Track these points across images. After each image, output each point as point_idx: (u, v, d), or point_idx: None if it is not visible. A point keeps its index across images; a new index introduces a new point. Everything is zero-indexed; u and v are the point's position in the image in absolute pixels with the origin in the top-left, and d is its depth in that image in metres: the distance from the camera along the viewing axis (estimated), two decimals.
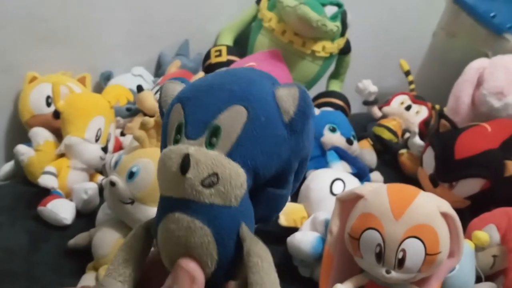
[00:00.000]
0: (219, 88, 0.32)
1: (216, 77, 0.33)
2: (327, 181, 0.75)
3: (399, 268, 0.55)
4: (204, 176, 0.30)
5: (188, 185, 0.30)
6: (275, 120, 0.31)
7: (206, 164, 0.30)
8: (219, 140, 0.31)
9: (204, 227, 0.31)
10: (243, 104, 0.31)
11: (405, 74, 1.25)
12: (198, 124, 0.31)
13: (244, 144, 0.31)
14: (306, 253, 0.65)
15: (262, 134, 0.31)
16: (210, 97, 0.32)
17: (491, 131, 0.84)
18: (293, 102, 0.32)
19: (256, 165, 0.31)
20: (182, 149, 0.30)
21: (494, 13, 1.20)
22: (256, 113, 0.31)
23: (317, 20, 0.93)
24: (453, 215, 0.56)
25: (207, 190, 0.30)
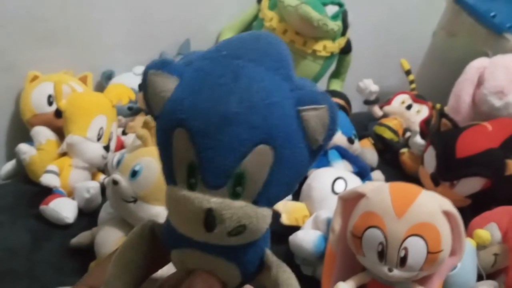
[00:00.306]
0: (236, 121, 0.26)
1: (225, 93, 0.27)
2: (329, 180, 0.75)
3: (401, 266, 0.55)
4: (230, 229, 0.27)
5: (214, 237, 0.28)
6: (301, 152, 0.28)
7: (231, 219, 0.27)
8: (244, 189, 0.27)
9: (229, 263, 0.30)
10: (267, 144, 0.27)
11: (406, 73, 1.25)
12: (218, 171, 0.27)
13: (271, 187, 0.28)
14: (308, 252, 0.65)
15: (289, 173, 0.28)
16: (227, 136, 0.26)
17: (492, 130, 0.84)
18: (322, 127, 0.28)
19: (279, 199, 0.30)
20: (204, 202, 0.27)
21: (494, 12, 1.21)
22: (282, 152, 0.27)
23: (318, 20, 0.93)
24: (455, 213, 0.56)
25: (234, 238, 0.28)
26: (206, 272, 0.30)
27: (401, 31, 1.42)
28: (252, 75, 0.27)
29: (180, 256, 0.31)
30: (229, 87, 0.27)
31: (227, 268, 0.30)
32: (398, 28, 1.42)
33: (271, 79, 0.28)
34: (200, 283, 0.30)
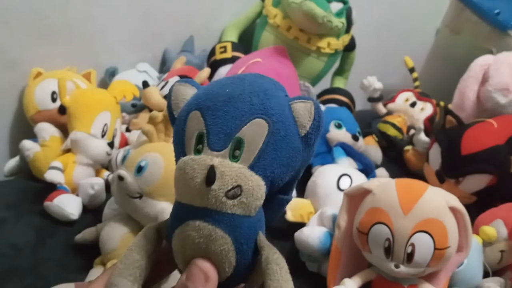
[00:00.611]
0: (239, 99, 0.32)
1: (233, 86, 0.33)
2: (334, 176, 0.75)
3: (408, 262, 0.55)
4: (228, 188, 0.31)
5: (212, 196, 0.31)
6: (293, 134, 0.32)
7: (230, 177, 0.31)
8: (242, 153, 0.32)
9: (225, 235, 0.32)
10: (264, 118, 0.32)
11: (410, 71, 1.25)
12: (221, 136, 0.32)
13: (265, 157, 0.32)
14: (314, 248, 0.65)
15: (281, 147, 0.32)
16: (231, 108, 0.32)
17: (497, 127, 0.84)
18: (309, 116, 0.33)
19: (274, 177, 0.32)
20: (207, 160, 0.31)
21: (498, 10, 1.20)
22: (276, 127, 0.32)
23: (322, 16, 0.93)
24: (461, 209, 0.56)
25: (230, 201, 0.31)
26: (202, 259, 0.32)
27: (405, 29, 1.42)
28: (254, 79, 0.34)
29: (180, 236, 0.32)
30: (235, 84, 0.34)
31: (222, 243, 0.31)
32: (402, 26, 1.42)
33: (269, 84, 0.34)
34: (196, 270, 0.31)
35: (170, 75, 0.91)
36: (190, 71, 0.90)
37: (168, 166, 0.59)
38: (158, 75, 1.03)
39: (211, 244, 0.32)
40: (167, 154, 0.60)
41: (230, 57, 1.05)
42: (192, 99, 0.34)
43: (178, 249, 0.33)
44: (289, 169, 0.33)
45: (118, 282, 0.32)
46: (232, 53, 1.05)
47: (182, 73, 0.90)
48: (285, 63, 0.97)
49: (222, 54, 1.05)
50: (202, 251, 0.32)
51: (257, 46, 1.09)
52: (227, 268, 0.32)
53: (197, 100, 0.34)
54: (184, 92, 0.35)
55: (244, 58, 0.97)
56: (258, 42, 1.08)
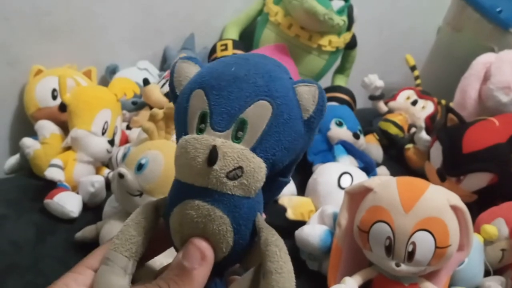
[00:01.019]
0: (244, 80, 0.32)
1: (238, 66, 0.33)
2: (335, 174, 0.75)
3: (408, 261, 0.55)
4: (230, 169, 0.31)
5: (214, 176, 0.31)
6: (296, 117, 0.33)
7: (232, 158, 0.31)
8: (245, 134, 0.32)
9: (224, 216, 0.32)
10: (268, 100, 0.32)
11: (411, 69, 1.25)
12: (224, 116, 0.32)
13: (268, 139, 0.32)
14: (315, 246, 0.64)
15: (284, 130, 0.32)
16: (235, 89, 0.32)
17: (499, 126, 0.84)
18: (313, 100, 0.33)
19: (275, 160, 0.32)
20: (209, 140, 0.31)
21: (500, 8, 1.20)
22: (280, 109, 0.32)
23: (324, 14, 0.93)
24: (463, 208, 0.56)
25: (231, 182, 0.31)
26: (199, 238, 0.32)
27: (406, 26, 1.42)
28: (259, 60, 0.34)
29: (179, 215, 0.32)
30: (240, 64, 0.33)
31: (221, 224, 0.32)
32: (403, 23, 1.41)
33: (274, 66, 0.34)
34: (193, 248, 0.32)
35: None
36: None
37: (168, 164, 0.59)
38: (159, 73, 1.03)
39: (210, 224, 0.32)
40: (168, 152, 0.60)
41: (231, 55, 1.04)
42: (195, 77, 0.34)
43: (176, 227, 0.33)
44: (290, 152, 0.33)
45: (114, 257, 0.32)
46: (233, 51, 1.05)
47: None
48: (286, 61, 0.97)
49: (223, 51, 1.05)
50: (200, 230, 0.32)
51: (258, 43, 1.08)
52: (224, 248, 0.32)
53: (201, 78, 0.33)
54: (187, 70, 0.35)
55: None
56: (259, 40, 1.08)
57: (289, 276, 0.32)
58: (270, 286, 0.31)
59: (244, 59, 0.34)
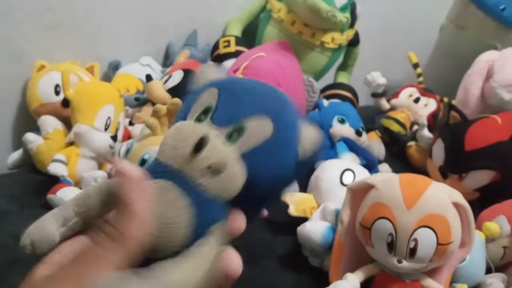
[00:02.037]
0: (260, 94, 0.34)
1: (261, 85, 0.35)
2: (337, 171, 0.75)
3: (410, 257, 0.55)
4: (212, 162, 0.31)
5: (196, 162, 0.31)
6: (292, 150, 0.33)
7: (220, 152, 0.31)
8: (239, 139, 0.32)
9: (188, 207, 0.31)
10: (273, 120, 0.33)
11: (414, 66, 1.25)
12: (227, 115, 0.33)
13: (258, 154, 0.32)
14: (317, 243, 0.64)
15: (278, 153, 0.33)
16: (249, 98, 0.33)
17: (501, 123, 0.84)
18: (314, 144, 0.34)
19: (256, 179, 0.33)
20: (203, 129, 0.32)
21: (503, 6, 1.20)
22: (280, 133, 0.33)
23: (327, 11, 0.93)
24: (465, 205, 0.56)
25: (208, 176, 0.31)
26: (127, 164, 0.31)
27: (409, 24, 1.42)
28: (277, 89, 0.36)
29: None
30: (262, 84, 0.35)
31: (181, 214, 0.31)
32: (406, 21, 1.41)
33: (289, 99, 0.36)
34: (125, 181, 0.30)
35: (173, 69, 0.91)
36: (194, 65, 0.90)
37: None
38: (162, 69, 1.03)
39: (170, 211, 0.31)
40: None
41: (233, 51, 1.04)
42: (215, 80, 0.36)
43: None
44: (271, 181, 0.33)
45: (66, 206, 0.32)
46: (235, 47, 1.05)
47: (185, 67, 0.89)
48: (289, 58, 0.97)
49: (226, 48, 1.05)
50: (159, 215, 0.31)
51: (261, 40, 1.08)
52: (175, 242, 0.31)
53: (220, 81, 0.35)
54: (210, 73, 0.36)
55: (247, 53, 0.97)
56: (262, 37, 1.08)
57: None
58: None
59: (265, 84, 0.36)
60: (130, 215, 0.29)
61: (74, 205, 0.32)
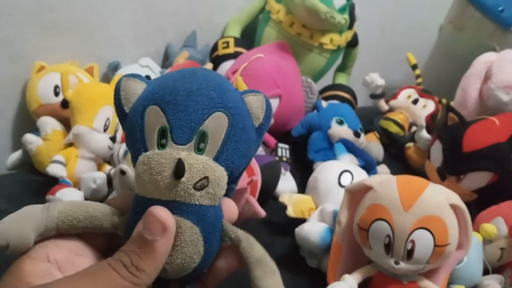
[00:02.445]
0: (198, 94, 0.33)
1: (189, 81, 0.34)
2: (335, 172, 0.75)
3: (407, 259, 0.55)
4: (196, 180, 0.32)
5: (181, 188, 0.32)
6: (249, 125, 0.35)
7: (198, 169, 0.32)
8: (206, 146, 0.33)
9: (194, 226, 0.33)
10: (223, 111, 0.33)
11: (412, 67, 1.25)
12: (185, 129, 0.32)
13: (227, 148, 0.33)
14: (314, 244, 0.65)
15: (241, 138, 0.34)
16: (191, 102, 0.33)
17: (499, 125, 0.84)
18: (262, 109, 0.35)
19: (233, 167, 0.34)
20: (174, 154, 0.32)
21: (502, 7, 1.20)
22: (235, 119, 0.34)
23: (325, 12, 0.93)
24: (462, 206, 0.56)
25: (198, 192, 0.32)
26: (159, 207, 0.32)
27: (408, 25, 1.42)
28: (206, 74, 0.35)
29: None
30: (190, 79, 0.34)
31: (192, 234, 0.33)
32: (405, 22, 1.41)
33: (221, 78, 0.36)
34: (153, 219, 0.31)
35: (172, 70, 0.91)
36: (193, 66, 0.90)
37: None
38: (161, 70, 1.03)
39: (180, 236, 0.32)
40: None
41: (232, 53, 1.05)
42: (146, 94, 0.34)
43: None
44: (245, 158, 0.35)
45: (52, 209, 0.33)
46: (234, 49, 1.05)
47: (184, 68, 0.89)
48: (287, 59, 0.97)
49: (225, 49, 1.05)
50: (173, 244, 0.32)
51: (259, 41, 1.09)
52: (196, 258, 0.33)
53: (153, 95, 0.34)
54: (134, 87, 0.35)
55: (246, 54, 0.97)
56: (260, 38, 1.08)
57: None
58: (269, 268, 0.34)
59: (192, 73, 0.35)
60: (149, 253, 0.31)
61: (59, 219, 0.33)
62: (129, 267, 0.30)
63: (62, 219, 0.33)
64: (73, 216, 0.33)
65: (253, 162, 0.69)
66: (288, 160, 0.87)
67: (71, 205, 0.34)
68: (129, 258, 0.30)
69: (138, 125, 0.34)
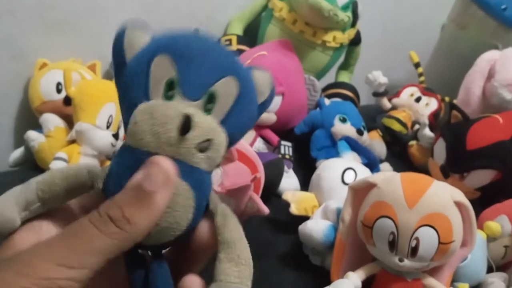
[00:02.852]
0: (214, 53, 0.32)
1: (203, 39, 0.33)
2: (339, 170, 0.75)
3: (412, 256, 0.55)
4: (201, 140, 0.30)
5: (184, 146, 0.29)
6: (254, 99, 0.34)
7: (204, 129, 0.30)
8: (214, 107, 0.31)
9: (190, 190, 0.30)
10: (236, 78, 0.32)
11: (415, 66, 1.25)
12: (196, 85, 0.31)
13: (233, 115, 0.32)
14: (318, 241, 0.65)
15: (246, 108, 0.33)
16: (207, 59, 0.31)
17: (503, 123, 0.84)
18: (268, 85, 0.34)
19: (233, 137, 0.32)
20: (181, 108, 0.29)
21: (505, 5, 1.20)
22: (244, 87, 0.32)
23: (328, 10, 0.93)
24: (466, 204, 0.56)
25: (199, 154, 0.30)
26: (162, 156, 0.29)
27: (410, 23, 1.42)
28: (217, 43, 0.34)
29: None
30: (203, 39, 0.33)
31: (187, 197, 0.30)
32: (407, 20, 1.41)
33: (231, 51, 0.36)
34: (157, 168, 0.28)
35: None
36: None
37: None
38: None
39: (175, 198, 0.30)
40: None
41: (235, 50, 1.04)
42: (155, 43, 0.32)
43: None
44: (244, 131, 0.34)
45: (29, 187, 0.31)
46: (237, 46, 1.05)
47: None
48: (290, 57, 0.97)
49: (227, 47, 1.05)
50: None
51: (262, 39, 1.08)
52: (183, 224, 0.31)
53: (165, 44, 0.32)
54: (139, 38, 0.32)
55: (249, 51, 0.97)
56: (263, 35, 1.08)
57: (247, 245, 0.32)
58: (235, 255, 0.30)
59: (204, 38, 0.33)
60: (146, 205, 0.27)
61: (38, 189, 0.31)
62: (118, 220, 0.27)
63: (41, 188, 0.31)
64: (49, 182, 0.31)
65: (256, 159, 0.69)
66: (291, 158, 0.87)
67: (48, 173, 0.32)
68: (120, 209, 0.27)
69: (142, 72, 0.31)
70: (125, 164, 0.30)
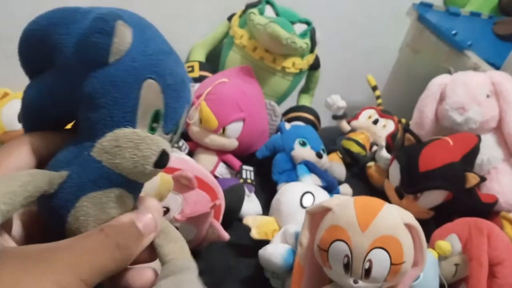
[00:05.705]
0: (186, 84, 0.34)
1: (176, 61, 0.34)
2: (297, 194, 0.77)
3: (366, 278, 0.56)
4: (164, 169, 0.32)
5: (152, 174, 0.32)
6: None
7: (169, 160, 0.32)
8: (175, 136, 0.34)
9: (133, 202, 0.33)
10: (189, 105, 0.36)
11: (372, 89, 1.28)
12: (173, 121, 0.33)
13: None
14: (277, 265, 0.66)
15: None
16: (186, 93, 0.34)
17: (452, 145, 0.87)
18: None
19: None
20: (161, 143, 0.31)
21: (455, 31, 1.26)
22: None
23: (286, 38, 0.96)
24: (416, 226, 0.58)
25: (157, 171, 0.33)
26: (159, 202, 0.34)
27: (368, 48, 1.46)
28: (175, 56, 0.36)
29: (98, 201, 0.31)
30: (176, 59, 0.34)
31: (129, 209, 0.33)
32: (365, 45, 1.45)
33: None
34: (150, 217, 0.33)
35: None
36: None
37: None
38: None
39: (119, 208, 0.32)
40: None
41: (197, 77, 1.06)
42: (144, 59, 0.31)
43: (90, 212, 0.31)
44: None
45: None
46: (199, 73, 1.07)
47: None
48: (251, 83, 0.99)
49: (190, 73, 1.07)
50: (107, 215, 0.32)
51: (224, 65, 1.11)
52: None
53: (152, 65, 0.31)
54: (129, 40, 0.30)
55: (210, 78, 0.99)
56: (225, 62, 1.10)
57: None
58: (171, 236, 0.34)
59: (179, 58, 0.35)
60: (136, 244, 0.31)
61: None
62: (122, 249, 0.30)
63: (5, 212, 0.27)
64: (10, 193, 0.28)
65: (216, 186, 0.70)
66: (252, 182, 0.88)
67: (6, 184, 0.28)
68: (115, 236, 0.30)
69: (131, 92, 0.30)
70: (89, 178, 0.31)
